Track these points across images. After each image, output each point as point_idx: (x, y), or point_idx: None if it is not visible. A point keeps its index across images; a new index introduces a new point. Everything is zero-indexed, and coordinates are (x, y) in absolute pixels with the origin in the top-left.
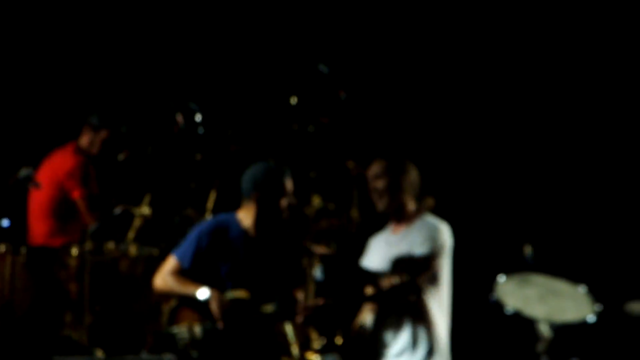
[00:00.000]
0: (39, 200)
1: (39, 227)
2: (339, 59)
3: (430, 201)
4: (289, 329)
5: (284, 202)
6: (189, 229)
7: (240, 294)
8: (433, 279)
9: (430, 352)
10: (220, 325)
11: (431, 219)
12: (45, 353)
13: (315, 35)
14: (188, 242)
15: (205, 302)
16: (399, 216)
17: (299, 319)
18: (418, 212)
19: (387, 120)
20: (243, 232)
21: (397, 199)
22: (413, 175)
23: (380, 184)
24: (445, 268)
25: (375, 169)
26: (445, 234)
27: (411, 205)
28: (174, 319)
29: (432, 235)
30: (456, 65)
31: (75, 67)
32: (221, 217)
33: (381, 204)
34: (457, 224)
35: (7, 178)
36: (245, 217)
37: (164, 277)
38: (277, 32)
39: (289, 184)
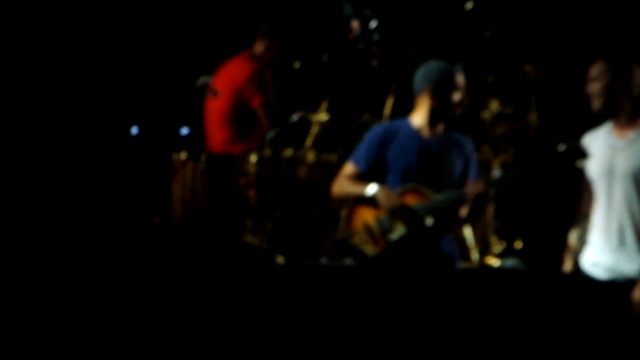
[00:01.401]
0: (217, 109)
1: (217, 135)
2: None
3: None
4: (468, 233)
5: (456, 97)
6: (366, 134)
7: (412, 190)
8: None
9: None
10: (393, 216)
11: None
12: (227, 259)
13: None
14: (361, 146)
15: (378, 199)
16: (621, 119)
17: (466, 211)
18: None
19: (565, 22)
20: (415, 133)
21: (615, 101)
22: (635, 77)
23: (596, 86)
24: None
25: (593, 70)
26: None
27: (634, 108)
28: (350, 220)
29: None
30: None
31: None
32: (393, 121)
33: (596, 105)
34: None
35: (185, 87)
36: (418, 117)
37: (340, 182)
38: None
39: (460, 79)
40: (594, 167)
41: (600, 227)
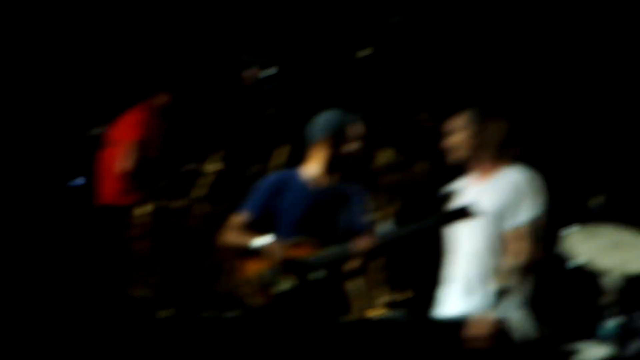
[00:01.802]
0: (111, 159)
1: (110, 186)
2: (411, 10)
3: (514, 150)
4: (357, 283)
5: (353, 147)
6: (257, 184)
7: (300, 242)
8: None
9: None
10: (278, 269)
11: (520, 168)
12: (113, 311)
13: None
14: (252, 196)
15: (264, 251)
16: (484, 166)
17: (353, 264)
18: (502, 162)
19: (459, 72)
20: (306, 183)
21: (478, 150)
22: (495, 127)
23: (459, 137)
24: None
25: (455, 122)
26: (539, 182)
27: (493, 157)
28: (236, 271)
29: (529, 185)
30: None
31: (145, 25)
32: (285, 171)
33: (457, 156)
34: None
35: (78, 137)
36: (311, 167)
37: (229, 232)
38: None
39: (358, 130)
40: None
41: (448, 278)
